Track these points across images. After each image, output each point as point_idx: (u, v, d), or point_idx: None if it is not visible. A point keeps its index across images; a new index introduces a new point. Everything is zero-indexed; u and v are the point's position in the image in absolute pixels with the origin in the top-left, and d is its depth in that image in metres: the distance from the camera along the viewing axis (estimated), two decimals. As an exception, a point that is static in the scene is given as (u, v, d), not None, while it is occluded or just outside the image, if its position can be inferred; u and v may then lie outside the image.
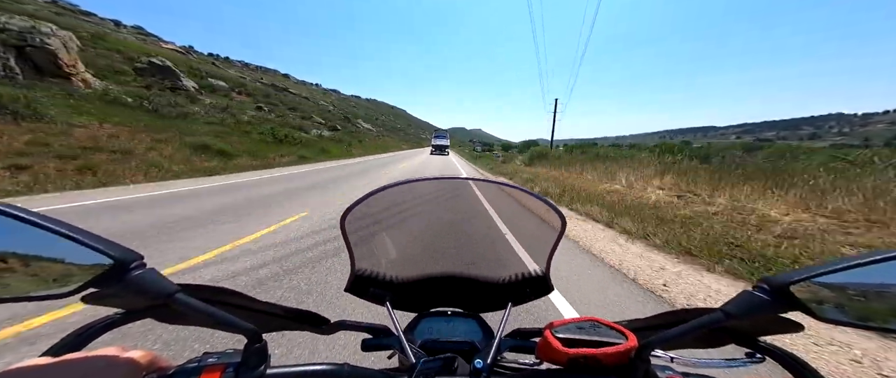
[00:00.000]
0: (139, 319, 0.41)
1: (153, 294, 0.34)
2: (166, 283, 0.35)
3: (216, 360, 0.40)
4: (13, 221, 0.29)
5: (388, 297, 0.63)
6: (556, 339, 0.44)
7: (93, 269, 0.32)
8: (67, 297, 0.31)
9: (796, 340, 2.19)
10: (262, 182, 9.40)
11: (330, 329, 0.56)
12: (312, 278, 2.94)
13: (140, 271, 0.34)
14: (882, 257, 0.32)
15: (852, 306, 0.34)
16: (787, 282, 0.34)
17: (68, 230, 0.31)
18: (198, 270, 3.01)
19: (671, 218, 5.79)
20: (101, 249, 0.32)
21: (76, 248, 0.31)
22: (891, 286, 0.32)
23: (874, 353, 2.12)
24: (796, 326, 0.40)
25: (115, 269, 0.32)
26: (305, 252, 3.62)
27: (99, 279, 0.32)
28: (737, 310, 0.36)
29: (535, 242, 0.70)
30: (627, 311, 2.65)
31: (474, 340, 0.59)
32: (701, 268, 3.68)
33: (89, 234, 0.32)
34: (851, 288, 0.34)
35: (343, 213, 0.58)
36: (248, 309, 0.47)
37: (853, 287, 0.34)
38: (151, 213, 5.04)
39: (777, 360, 0.41)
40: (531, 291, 0.67)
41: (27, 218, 0.29)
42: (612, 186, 10.25)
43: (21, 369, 0.31)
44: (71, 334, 0.38)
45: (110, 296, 0.37)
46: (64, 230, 0.31)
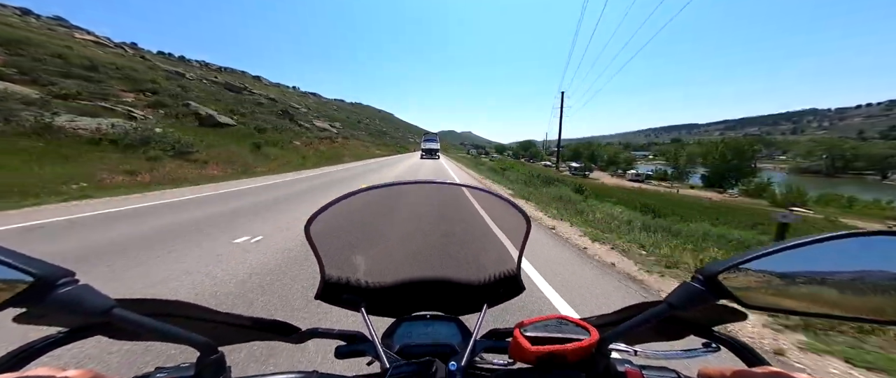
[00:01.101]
0: (86, 337, 0.39)
1: (87, 311, 0.33)
2: (101, 300, 0.34)
3: (167, 374, 0.39)
4: None
5: (363, 303, 0.62)
6: (526, 338, 0.46)
7: (10, 287, 0.30)
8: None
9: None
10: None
11: (300, 337, 0.55)
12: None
13: (69, 288, 0.32)
14: (797, 243, 0.34)
15: (774, 292, 0.36)
16: (716, 271, 0.37)
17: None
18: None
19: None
20: (18, 266, 0.30)
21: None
22: (805, 272, 0.35)
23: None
24: (741, 315, 0.43)
25: (37, 288, 0.30)
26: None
27: (18, 298, 0.30)
28: (677, 300, 0.39)
29: (506, 240, 0.71)
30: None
31: (453, 343, 0.58)
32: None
33: (5, 251, 0.30)
34: (777, 274, 0.36)
35: (307, 220, 0.56)
36: (206, 320, 0.45)
37: (778, 274, 0.36)
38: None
39: (729, 348, 0.45)
40: (504, 292, 0.68)
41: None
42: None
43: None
44: (6, 355, 0.36)
45: (44, 315, 0.35)
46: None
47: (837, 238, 0.33)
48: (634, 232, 5.80)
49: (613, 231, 5.82)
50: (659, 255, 4.42)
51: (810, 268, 0.34)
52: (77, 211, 6.20)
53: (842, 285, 0.34)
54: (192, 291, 2.89)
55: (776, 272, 0.36)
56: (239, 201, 7.83)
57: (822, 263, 0.34)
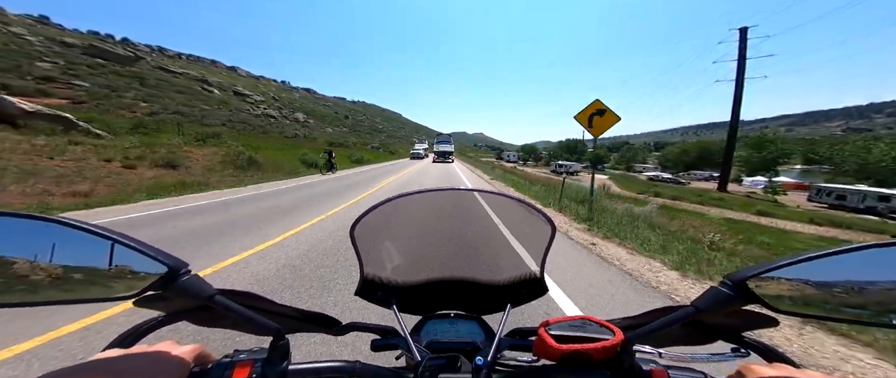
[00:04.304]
0: (177, 322, 0.46)
1: (197, 297, 0.39)
2: (207, 287, 0.40)
3: (246, 356, 0.44)
4: (78, 232, 0.34)
5: (395, 300, 0.65)
6: (550, 337, 0.47)
7: (150, 275, 0.36)
8: (127, 300, 0.36)
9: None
10: None
11: (341, 330, 0.58)
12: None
13: (187, 277, 0.38)
14: (829, 252, 0.35)
15: (804, 298, 0.37)
16: (744, 277, 0.38)
17: (127, 240, 0.36)
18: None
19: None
20: (158, 258, 0.37)
21: (135, 256, 0.36)
22: (839, 281, 0.36)
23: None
24: (771, 321, 0.44)
25: (168, 276, 0.37)
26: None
27: (156, 284, 0.36)
28: (704, 304, 0.40)
29: (529, 245, 0.72)
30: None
31: (476, 341, 0.60)
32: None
33: (146, 245, 0.37)
34: (803, 282, 0.37)
35: (353, 224, 0.60)
36: (270, 311, 0.50)
37: (804, 281, 0.37)
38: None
39: (759, 353, 0.45)
40: (528, 293, 0.69)
41: (90, 229, 0.34)
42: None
43: (94, 362, 0.35)
44: (122, 334, 0.43)
45: (158, 299, 0.41)
46: (124, 240, 0.36)
47: (865, 248, 0.35)
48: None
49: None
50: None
51: (841, 277, 0.35)
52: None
53: (866, 291, 0.36)
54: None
55: (807, 280, 0.37)
56: None
57: (852, 273, 0.35)
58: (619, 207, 8.46)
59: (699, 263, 4.00)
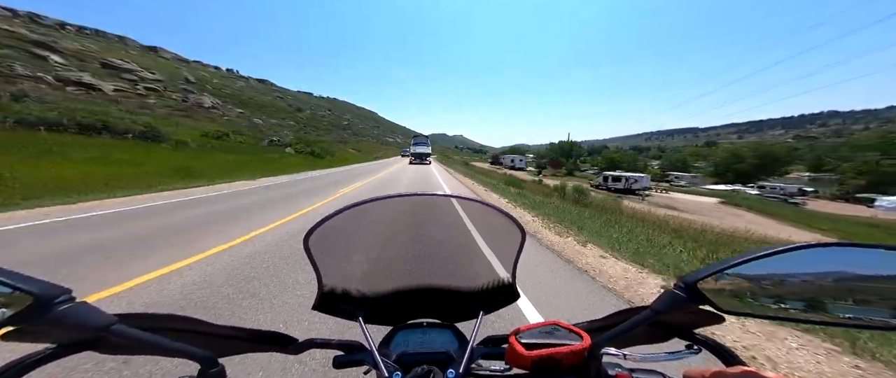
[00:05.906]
0: (76, 353, 0.38)
1: (85, 328, 0.33)
2: (100, 316, 0.34)
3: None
4: None
5: (361, 312, 0.63)
6: (521, 345, 0.48)
7: (10, 306, 0.30)
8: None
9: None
10: None
11: (298, 348, 0.55)
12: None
13: (67, 305, 0.32)
14: (767, 253, 0.37)
15: (749, 296, 0.40)
16: (695, 279, 0.40)
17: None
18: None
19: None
20: (18, 287, 0.30)
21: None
22: (775, 275, 0.38)
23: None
24: (718, 318, 0.46)
25: (36, 306, 0.31)
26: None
27: (17, 317, 0.30)
28: (661, 306, 0.43)
29: (499, 251, 0.71)
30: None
31: (450, 350, 0.58)
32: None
33: (4, 272, 0.31)
34: (749, 279, 0.39)
35: (306, 234, 0.56)
36: (205, 334, 0.46)
37: (750, 279, 0.39)
38: None
39: (710, 349, 0.48)
40: (501, 299, 0.68)
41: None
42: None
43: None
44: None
45: (35, 332, 0.34)
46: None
47: (801, 248, 0.37)
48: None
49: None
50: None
51: (776, 271, 0.39)
52: None
53: (803, 289, 0.38)
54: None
55: (748, 276, 0.40)
56: None
57: (787, 269, 0.38)
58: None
59: None
